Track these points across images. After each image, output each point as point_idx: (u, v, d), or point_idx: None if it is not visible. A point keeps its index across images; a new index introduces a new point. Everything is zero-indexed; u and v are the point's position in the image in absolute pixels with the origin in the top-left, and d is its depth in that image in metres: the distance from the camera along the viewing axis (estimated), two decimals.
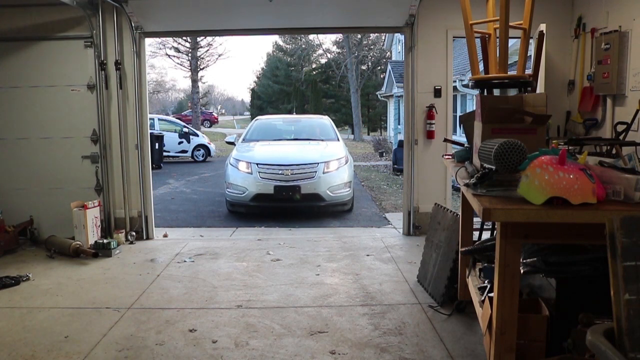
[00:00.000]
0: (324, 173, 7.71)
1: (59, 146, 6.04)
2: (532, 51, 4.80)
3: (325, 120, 10.31)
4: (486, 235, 4.22)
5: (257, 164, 7.74)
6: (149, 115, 6.76)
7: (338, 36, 33.38)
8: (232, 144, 9.50)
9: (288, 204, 7.73)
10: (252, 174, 7.67)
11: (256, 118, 11.11)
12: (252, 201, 7.65)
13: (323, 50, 38.03)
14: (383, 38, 30.02)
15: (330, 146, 8.65)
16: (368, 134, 34.73)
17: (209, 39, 31.23)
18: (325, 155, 8.08)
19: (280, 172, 7.59)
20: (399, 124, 18.66)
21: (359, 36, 31.31)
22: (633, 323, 1.50)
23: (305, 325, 3.64)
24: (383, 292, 4.32)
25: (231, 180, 7.90)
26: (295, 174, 7.59)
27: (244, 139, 9.36)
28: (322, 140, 9.07)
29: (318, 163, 7.77)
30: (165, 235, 6.38)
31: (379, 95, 27.27)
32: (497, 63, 3.21)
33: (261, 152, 8.35)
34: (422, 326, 3.61)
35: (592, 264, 2.46)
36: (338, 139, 9.22)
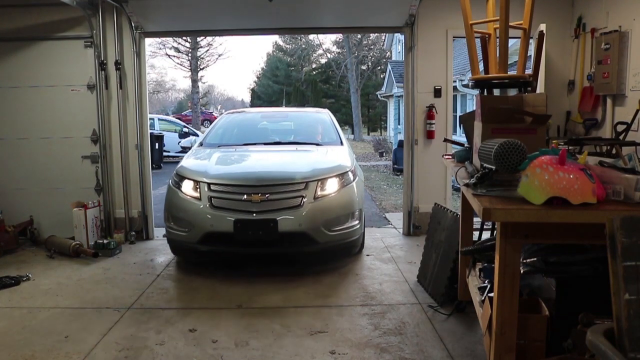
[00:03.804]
0: (316, 198, 4.68)
1: (59, 146, 6.04)
2: (532, 51, 4.80)
3: (324, 116, 7.04)
4: (486, 235, 4.22)
5: (208, 185, 4.74)
6: (149, 115, 6.76)
7: (338, 36, 33.41)
8: (188, 149, 6.37)
9: (257, 250, 4.74)
10: (200, 200, 4.70)
11: (227, 111, 7.93)
12: (201, 244, 4.66)
13: (323, 50, 38.08)
14: (383, 38, 30.03)
15: (331, 153, 5.56)
16: (368, 134, 34.74)
17: (209, 39, 31.19)
18: (321, 168, 4.99)
19: (243, 197, 4.60)
20: (399, 124, 18.67)
21: (359, 36, 31.32)
22: (633, 323, 1.50)
23: (305, 325, 3.64)
24: (383, 292, 4.32)
25: (169, 209, 4.96)
26: (269, 200, 4.58)
27: (201, 143, 6.23)
28: (319, 144, 6.03)
29: (307, 182, 4.72)
30: (165, 235, 6.37)
31: (379, 95, 27.26)
32: (497, 63, 3.21)
33: (218, 165, 5.18)
34: (422, 326, 3.61)
35: (592, 264, 2.46)
36: (342, 143, 6.12)
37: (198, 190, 4.78)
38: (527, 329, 2.46)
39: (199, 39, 29.70)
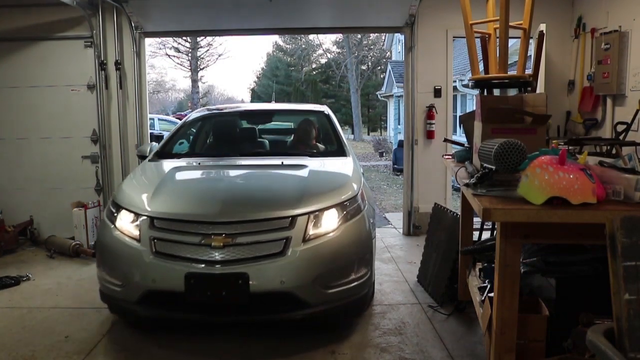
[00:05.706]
0: (307, 240, 3.17)
1: (59, 146, 6.04)
2: (532, 51, 4.80)
3: (321, 115, 5.35)
4: (486, 235, 4.22)
5: (151, 219, 3.27)
6: (149, 115, 6.76)
7: (338, 36, 33.41)
8: (144, 158, 4.63)
9: (218, 318, 3.33)
10: (139, 241, 3.23)
11: (197, 109, 6.08)
12: (140, 305, 3.20)
13: (323, 50, 38.06)
14: (383, 38, 30.03)
15: (331, 169, 4.10)
16: (368, 134, 34.76)
17: (209, 39, 31.22)
18: (315, 193, 3.48)
19: (199, 239, 3.13)
20: (399, 124, 18.67)
21: (359, 36, 31.33)
22: (633, 323, 1.50)
23: (305, 325, 3.63)
24: (383, 292, 4.31)
25: (99, 251, 3.54)
26: (237, 244, 3.11)
27: (156, 153, 4.56)
28: (313, 155, 4.46)
29: (294, 216, 3.23)
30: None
31: (379, 95, 27.28)
32: (497, 63, 3.21)
33: (167, 190, 3.64)
34: (422, 326, 3.61)
35: (592, 264, 2.47)
36: (345, 153, 4.49)
37: (138, 227, 3.28)
38: (527, 329, 2.46)
39: (199, 39, 29.72)
